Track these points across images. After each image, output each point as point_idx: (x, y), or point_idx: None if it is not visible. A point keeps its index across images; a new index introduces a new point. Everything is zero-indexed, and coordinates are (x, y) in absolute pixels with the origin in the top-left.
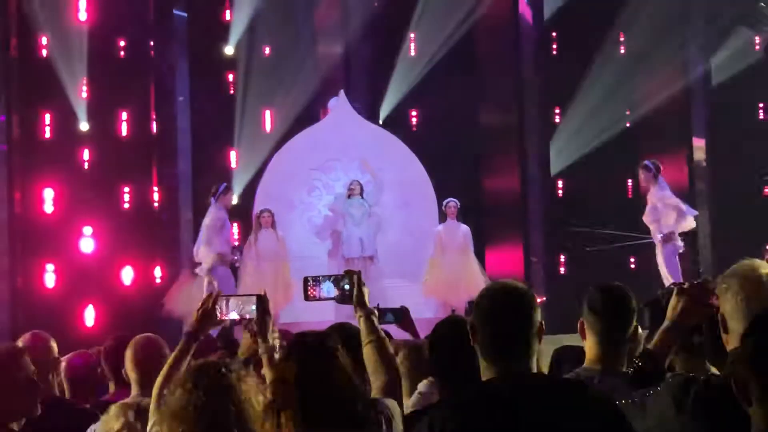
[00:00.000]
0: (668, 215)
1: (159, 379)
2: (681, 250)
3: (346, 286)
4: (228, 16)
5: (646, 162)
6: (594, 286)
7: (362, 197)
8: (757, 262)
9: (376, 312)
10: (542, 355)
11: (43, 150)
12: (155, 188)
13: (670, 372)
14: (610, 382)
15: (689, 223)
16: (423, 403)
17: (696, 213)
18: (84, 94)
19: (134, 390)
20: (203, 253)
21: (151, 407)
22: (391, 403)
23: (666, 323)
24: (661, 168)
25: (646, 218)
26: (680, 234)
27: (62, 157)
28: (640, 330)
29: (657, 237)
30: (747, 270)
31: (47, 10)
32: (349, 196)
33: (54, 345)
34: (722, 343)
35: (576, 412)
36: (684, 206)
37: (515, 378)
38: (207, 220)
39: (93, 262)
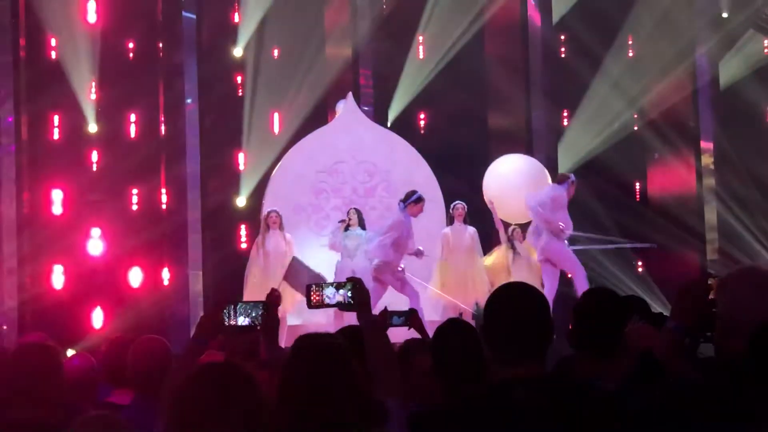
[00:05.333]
0: None
1: (167, 383)
2: None
3: (349, 293)
4: (237, 18)
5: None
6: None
7: (361, 227)
8: (758, 266)
9: (379, 318)
10: None
11: (51, 151)
12: (163, 190)
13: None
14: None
15: None
16: None
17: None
18: (93, 96)
19: (134, 392)
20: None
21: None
22: (394, 404)
23: (669, 324)
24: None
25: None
26: None
27: (71, 158)
28: None
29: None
30: (746, 274)
31: (56, 12)
32: (347, 228)
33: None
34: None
35: (584, 414)
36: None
37: (525, 380)
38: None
39: (101, 264)
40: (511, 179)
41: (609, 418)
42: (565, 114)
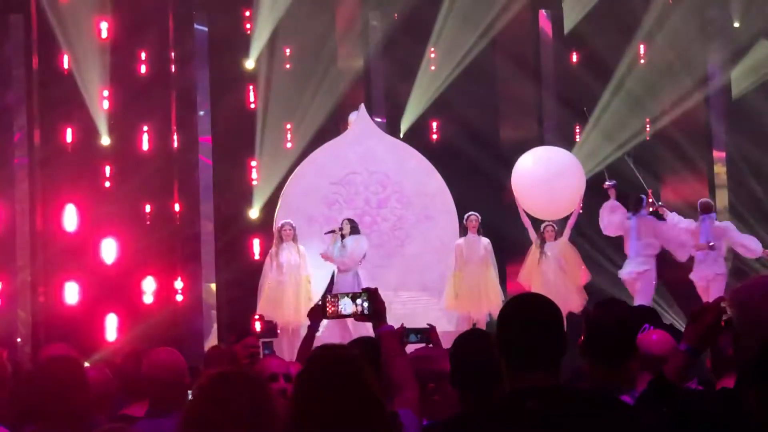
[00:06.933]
0: None
1: None
2: None
3: (365, 303)
4: (249, 30)
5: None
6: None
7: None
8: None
9: (395, 327)
10: None
11: (64, 164)
12: (176, 202)
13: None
14: None
15: None
16: None
17: None
18: (105, 109)
19: (148, 404)
20: None
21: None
22: (410, 416)
23: (681, 346)
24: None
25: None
26: None
27: (83, 171)
28: None
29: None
30: (754, 285)
31: (69, 26)
32: (342, 238)
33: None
34: (725, 357)
35: (598, 424)
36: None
37: (539, 390)
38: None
39: (114, 276)
40: (534, 172)
41: (623, 428)
42: (577, 124)
